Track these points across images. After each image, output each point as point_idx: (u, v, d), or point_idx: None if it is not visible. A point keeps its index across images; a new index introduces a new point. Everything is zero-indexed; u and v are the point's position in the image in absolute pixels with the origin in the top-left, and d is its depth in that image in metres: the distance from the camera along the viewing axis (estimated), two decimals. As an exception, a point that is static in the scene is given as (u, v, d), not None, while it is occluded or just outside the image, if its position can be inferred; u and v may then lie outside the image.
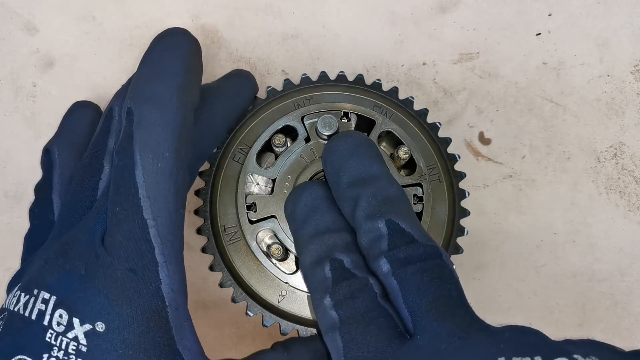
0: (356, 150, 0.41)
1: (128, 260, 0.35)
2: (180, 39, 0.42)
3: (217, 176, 0.46)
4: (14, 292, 0.37)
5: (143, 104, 0.38)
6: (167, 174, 0.36)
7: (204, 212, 0.45)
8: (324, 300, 0.36)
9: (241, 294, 0.44)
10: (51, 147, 0.47)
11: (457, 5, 0.57)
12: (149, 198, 0.36)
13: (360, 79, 0.50)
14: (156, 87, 0.38)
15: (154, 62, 0.40)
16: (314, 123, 0.46)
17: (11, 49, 0.57)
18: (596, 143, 0.56)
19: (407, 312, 0.34)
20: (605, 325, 0.53)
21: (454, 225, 0.46)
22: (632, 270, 0.54)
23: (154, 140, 0.37)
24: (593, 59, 0.57)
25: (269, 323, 0.44)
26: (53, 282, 0.36)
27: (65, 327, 0.34)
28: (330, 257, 0.38)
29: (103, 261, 0.36)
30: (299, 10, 0.57)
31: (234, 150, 0.47)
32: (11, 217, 0.54)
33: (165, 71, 0.39)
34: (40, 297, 0.35)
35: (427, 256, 0.36)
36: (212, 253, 0.45)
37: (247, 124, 0.48)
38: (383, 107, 0.48)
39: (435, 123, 0.49)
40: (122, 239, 0.36)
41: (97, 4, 0.57)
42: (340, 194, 0.40)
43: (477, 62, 0.57)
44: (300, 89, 0.49)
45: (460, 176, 0.48)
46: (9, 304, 0.37)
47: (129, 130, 0.37)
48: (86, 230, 0.37)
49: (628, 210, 0.55)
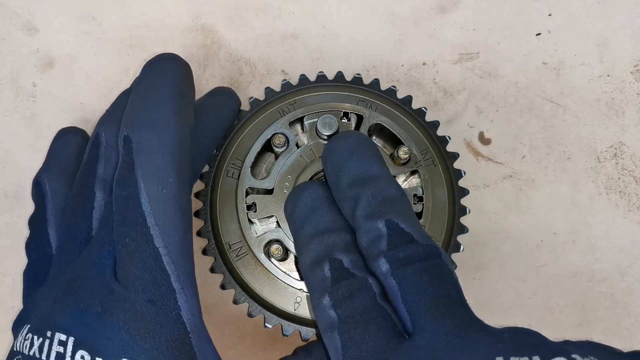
0: (356, 150, 0.41)
1: (145, 291, 0.35)
2: (170, 64, 0.42)
3: (214, 195, 0.46)
4: (24, 334, 0.36)
5: (141, 131, 0.37)
6: (172, 199, 0.36)
7: (207, 232, 0.45)
8: (323, 299, 0.36)
9: (257, 307, 0.44)
10: (41, 179, 0.45)
11: (457, 5, 0.57)
12: (158, 226, 0.35)
13: (340, 76, 0.50)
14: (152, 113, 0.38)
15: (148, 89, 0.40)
16: (314, 123, 0.46)
17: (11, 49, 0.57)
18: (596, 143, 0.56)
19: (406, 312, 0.34)
20: (605, 325, 0.53)
21: (455, 206, 0.46)
22: (632, 270, 0.54)
23: (155, 167, 0.36)
24: (593, 59, 0.57)
25: (289, 332, 0.44)
26: (68, 322, 0.35)
27: None
28: (329, 257, 0.38)
29: (119, 296, 0.35)
30: (299, 10, 0.57)
31: (226, 167, 0.47)
32: (11, 217, 0.54)
33: (160, 97, 0.39)
34: (56, 339, 0.34)
35: (427, 256, 0.36)
36: (221, 272, 0.45)
37: (236, 138, 0.47)
38: (367, 100, 0.48)
39: (421, 108, 0.49)
40: (136, 270, 0.35)
41: (97, 4, 0.57)
42: (340, 194, 0.40)
43: (477, 62, 0.57)
44: (282, 95, 0.49)
45: (453, 157, 0.48)
46: (22, 347, 0.36)
47: (129, 159, 0.37)
48: (93, 265, 0.37)
49: (628, 210, 0.55)
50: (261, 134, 0.47)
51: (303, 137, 0.48)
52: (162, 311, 0.35)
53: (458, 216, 0.46)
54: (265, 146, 0.47)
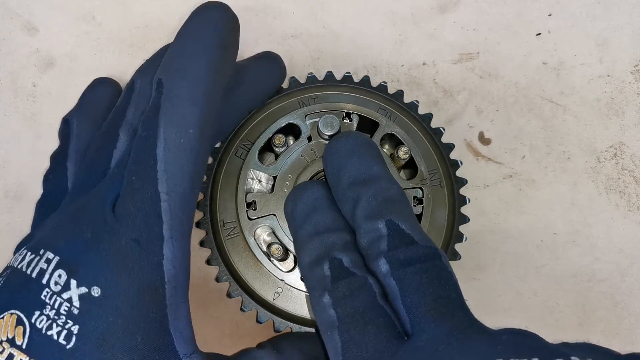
0: (357, 150, 0.41)
1: (134, 230, 0.35)
2: (218, 14, 0.41)
3: (219, 171, 0.46)
4: (20, 251, 0.37)
5: (174, 77, 0.37)
6: (187, 150, 0.36)
7: (204, 206, 0.46)
8: (323, 298, 0.36)
9: (237, 289, 0.44)
10: (70, 118, 0.47)
11: (457, 5, 0.57)
12: (166, 172, 0.35)
13: (366, 80, 0.50)
14: (189, 62, 0.38)
15: (190, 36, 0.40)
16: (316, 123, 0.46)
17: (11, 49, 0.57)
18: (596, 143, 0.56)
19: (406, 313, 0.34)
20: (605, 326, 0.53)
21: (453, 231, 0.46)
22: (632, 270, 0.54)
23: (179, 115, 0.36)
24: (593, 59, 0.57)
25: (264, 320, 0.44)
26: (60, 244, 0.36)
27: (61, 287, 0.34)
28: (329, 256, 0.38)
29: (110, 227, 0.35)
30: (299, 10, 0.57)
31: (236, 146, 0.47)
32: (11, 217, 0.54)
33: (200, 46, 0.39)
34: (44, 257, 0.35)
35: (427, 257, 0.36)
36: (209, 247, 0.45)
37: (251, 121, 0.48)
38: (388, 109, 0.48)
39: (439, 128, 0.49)
40: (132, 207, 0.35)
41: (97, 4, 0.57)
42: (341, 194, 0.40)
43: (477, 62, 0.57)
44: (305, 87, 0.49)
45: (462, 182, 0.47)
46: (14, 261, 0.37)
47: (157, 102, 0.37)
48: (99, 197, 0.37)
49: (628, 210, 0.55)
50: (277, 120, 0.47)
51: None
52: (145, 253, 0.35)
53: (454, 242, 0.46)
54: (268, 146, 0.47)
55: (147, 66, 0.43)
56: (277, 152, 0.47)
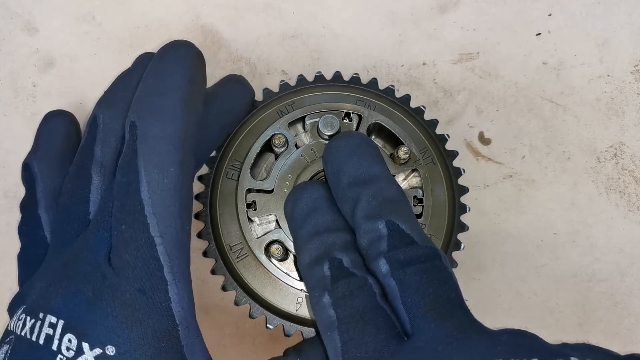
0: (357, 150, 0.41)
1: (137, 280, 0.35)
2: (183, 51, 0.41)
3: (214, 196, 0.46)
4: (18, 314, 0.37)
5: (146, 118, 0.37)
6: (172, 189, 0.36)
7: (207, 234, 0.45)
8: (323, 298, 0.36)
9: (258, 309, 0.44)
10: (30, 162, 0.45)
11: (457, 5, 0.57)
12: (155, 215, 0.35)
13: (338, 76, 0.50)
14: (159, 101, 0.38)
15: (158, 76, 0.40)
16: (315, 123, 0.46)
17: (11, 49, 0.57)
18: (596, 143, 0.56)
19: (405, 313, 0.34)
20: (605, 326, 0.53)
21: (455, 203, 0.46)
22: (632, 270, 0.54)
23: (157, 156, 0.36)
24: (593, 59, 0.57)
25: (292, 332, 0.44)
26: (59, 305, 0.35)
27: (75, 352, 0.33)
28: (329, 256, 0.38)
29: (111, 282, 0.35)
30: (299, 10, 0.57)
31: (225, 168, 0.46)
32: (11, 217, 0.54)
33: (169, 84, 0.39)
34: (47, 321, 0.35)
35: (426, 258, 0.36)
36: (222, 273, 0.45)
37: (235, 139, 0.47)
38: (366, 100, 0.48)
39: (419, 107, 0.49)
40: (129, 258, 0.35)
41: (97, 4, 0.57)
42: (340, 194, 0.40)
43: (477, 62, 0.57)
44: (280, 95, 0.49)
45: (452, 155, 0.48)
46: (15, 327, 0.36)
47: (133, 145, 0.36)
48: (89, 250, 0.37)
49: (628, 210, 0.55)
50: (260, 134, 0.47)
51: (304, 137, 0.48)
52: (152, 301, 0.34)
53: (458, 214, 0.46)
54: (264, 146, 0.47)
55: (107, 100, 0.43)
56: (277, 153, 0.47)
